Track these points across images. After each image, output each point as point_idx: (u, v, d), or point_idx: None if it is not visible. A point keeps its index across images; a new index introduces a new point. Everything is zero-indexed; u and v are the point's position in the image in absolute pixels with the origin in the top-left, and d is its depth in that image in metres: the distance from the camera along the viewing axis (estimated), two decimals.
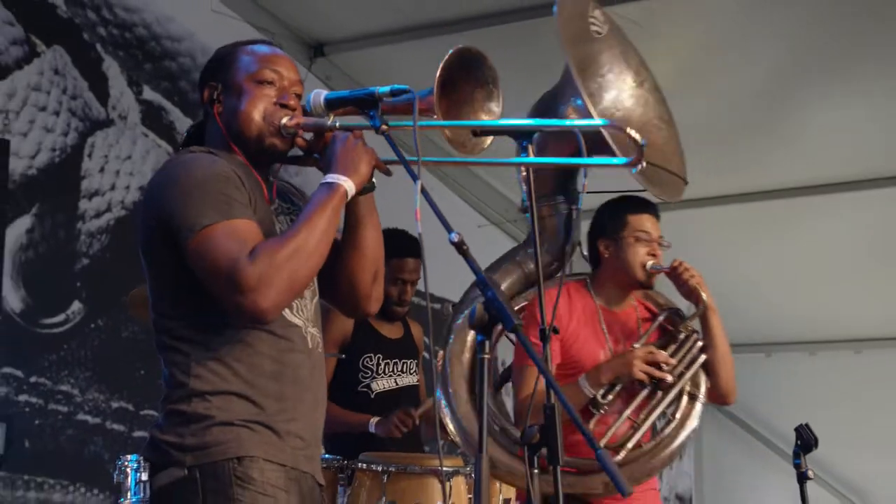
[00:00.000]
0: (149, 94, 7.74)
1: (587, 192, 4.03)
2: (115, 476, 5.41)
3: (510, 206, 9.32)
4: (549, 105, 4.30)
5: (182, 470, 3.09)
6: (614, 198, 4.39)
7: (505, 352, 4.79)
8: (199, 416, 3.09)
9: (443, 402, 4.44)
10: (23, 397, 6.59)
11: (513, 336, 3.20)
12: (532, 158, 3.41)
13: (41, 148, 7.11)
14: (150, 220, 3.11)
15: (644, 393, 4.18)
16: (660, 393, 4.19)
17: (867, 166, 8.10)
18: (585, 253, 4.60)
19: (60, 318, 6.94)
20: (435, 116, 3.17)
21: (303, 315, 3.24)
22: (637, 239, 4.36)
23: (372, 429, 5.71)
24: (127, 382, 7.35)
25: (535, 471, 3.07)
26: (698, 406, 4.34)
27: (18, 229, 6.89)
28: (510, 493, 4.94)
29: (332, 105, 3.27)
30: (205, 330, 3.13)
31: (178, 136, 6.96)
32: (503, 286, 4.28)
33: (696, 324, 4.44)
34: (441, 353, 4.82)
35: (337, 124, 3.22)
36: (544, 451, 3.05)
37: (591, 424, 4.11)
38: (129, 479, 5.30)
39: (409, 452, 5.63)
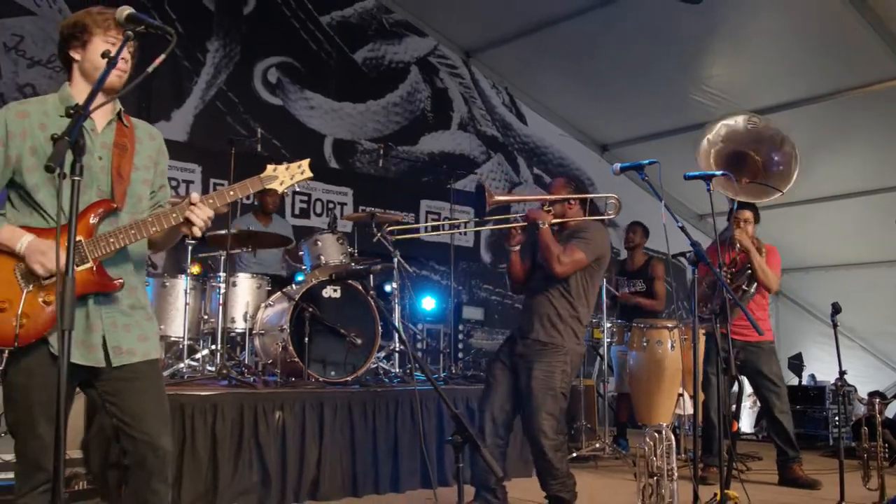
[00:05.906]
0: (537, 170, 7.86)
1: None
2: None
3: (688, 211, 8.70)
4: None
5: None
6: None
7: None
8: None
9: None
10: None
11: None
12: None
13: None
14: None
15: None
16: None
17: (855, 186, 7.36)
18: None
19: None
20: None
21: None
22: (736, 220, 4.27)
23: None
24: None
25: (718, 325, 3.11)
26: (752, 290, 4.24)
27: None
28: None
29: (623, 169, 3.08)
30: None
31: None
32: None
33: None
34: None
35: None
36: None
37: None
38: None
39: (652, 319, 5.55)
